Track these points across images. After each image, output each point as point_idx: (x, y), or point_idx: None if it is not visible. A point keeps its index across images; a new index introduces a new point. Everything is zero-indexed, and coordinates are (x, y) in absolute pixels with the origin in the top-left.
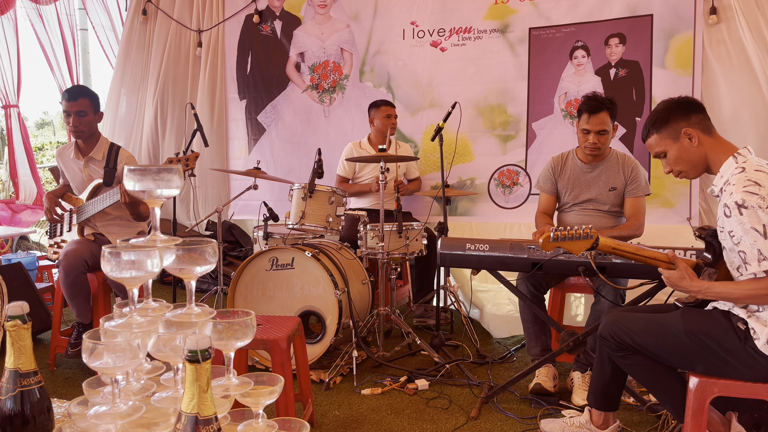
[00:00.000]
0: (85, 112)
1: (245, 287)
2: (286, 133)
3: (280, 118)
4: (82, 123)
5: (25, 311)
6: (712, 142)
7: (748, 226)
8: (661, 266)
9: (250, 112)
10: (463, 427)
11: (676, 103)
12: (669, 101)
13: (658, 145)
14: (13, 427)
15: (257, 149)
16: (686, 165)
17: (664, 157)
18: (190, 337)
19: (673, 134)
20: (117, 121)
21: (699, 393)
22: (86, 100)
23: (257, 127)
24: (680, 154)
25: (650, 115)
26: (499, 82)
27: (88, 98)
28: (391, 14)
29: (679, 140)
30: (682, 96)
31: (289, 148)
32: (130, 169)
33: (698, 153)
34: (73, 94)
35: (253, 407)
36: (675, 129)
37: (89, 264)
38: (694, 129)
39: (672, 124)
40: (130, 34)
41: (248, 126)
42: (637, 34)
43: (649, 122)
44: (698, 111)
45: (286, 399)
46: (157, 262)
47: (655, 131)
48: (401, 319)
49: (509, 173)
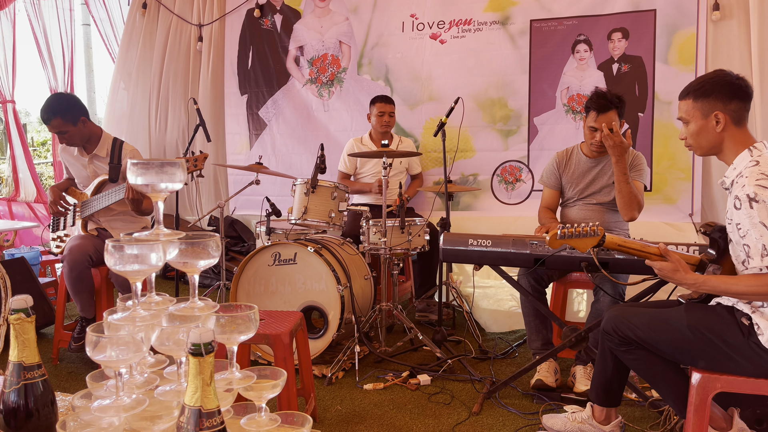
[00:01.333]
0: (63, 130)
1: (248, 282)
2: (287, 128)
3: (281, 113)
4: (66, 139)
5: (29, 304)
6: (736, 133)
7: (757, 220)
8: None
9: (251, 107)
10: (465, 423)
11: (726, 82)
12: (723, 76)
13: (687, 113)
14: (17, 419)
15: (258, 144)
16: (699, 142)
17: (686, 124)
18: (194, 330)
19: (705, 110)
20: (119, 116)
21: (701, 389)
22: (58, 120)
23: (258, 122)
24: (699, 132)
25: (699, 79)
26: (499, 75)
27: (59, 116)
28: (391, 7)
29: (707, 119)
30: (740, 76)
31: (290, 143)
32: (133, 163)
33: (717, 138)
34: (45, 118)
35: (256, 401)
36: (710, 107)
37: (93, 259)
38: (726, 115)
39: (711, 100)
40: (131, 29)
41: (249, 121)
42: (640, 29)
43: (694, 86)
44: (742, 99)
45: (289, 393)
46: (161, 255)
47: (692, 98)
48: (403, 314)
49: (512, 169)
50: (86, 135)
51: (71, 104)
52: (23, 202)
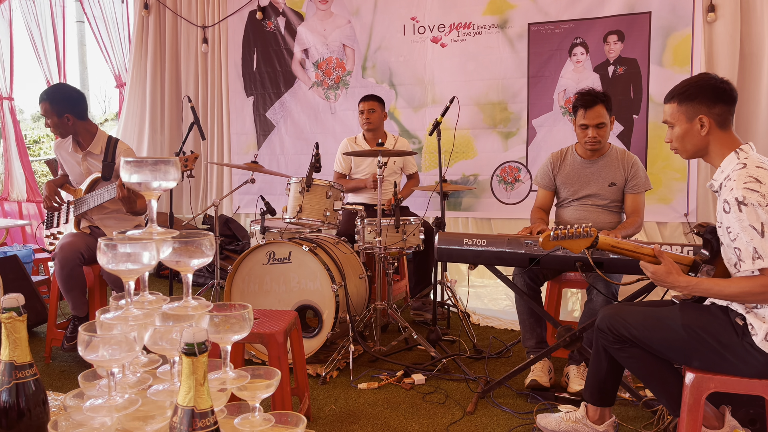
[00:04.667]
0: (46, 116)
1: (242, 281)
2: (295, 130)
3: (289, 115)
4: (49, 125)
5: (20, 303)
6: (721, 136)
7: (746, 223)
8: (652, 261)
9: (258, 109)
10: (459, 422)
11: (710, 86)
12: (707, 80)
13: (672, 116)
14: (9, 419)
15: (267, 145)
16: (684, 146)
17: (671, 128)
18: (187, 329)
19: (690, 114)
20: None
21: (695, 388)
22: (46, 104)
23: (266, 123)
24: (684, 135)
25: (684, 82)
26: (499, 79)
27: (48, 102)
28: (392, 9)
29: (691, 122)
30: (725, 80)
31: (298, 144)
32: (126, 161)
33: (702, 141)
34: (40, 96)
35: (250, 401)
36: (694, 110)
37: (85, 257)
38: (710, 119)
39: (695, 104)
40: (137, 29)
41: (257, 122)
42: (636, 32)
43: (678, 89)
44: (726, 102)
45: (283, 393)
46: (154, 254)
47: (677, 101)
48: (398, 313)
49: (511, 170)
50: (70, 130)
51: (64, 97)
52: (15, 201)
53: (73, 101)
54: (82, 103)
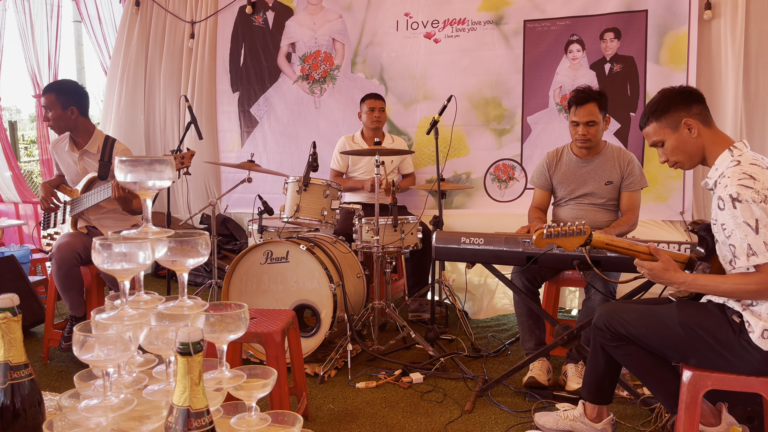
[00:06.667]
0: (50, 107)
1: (239, 281)
2: (278, 126)
3: (272, 110)
4: (50, 118)
5: (15, 303)
6: (710, 134)
7: (741, 220)
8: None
9: (243, 105)
10: (457, 421)
11: (677, 93)
12: (670, 90)
13: (657, 134)
14: (4, 420)
15: (250, 142)
16: (683, 156)
17: (662, 146)
18: (182, 329)
19: (672, 124)
20: (112, 113)
21: (692, 386)
22: (52, 95)
23: (250, 119)
24: (678, 145)
25: (649, 104)
26: (493, 75)
27: (55, 93)
28: (385, 5)
29: (678, 130)
30: (683, 85)
31: (281, 140)
32: (121, 160)
33: (696, 144)
34: (46, 88)
35: (246, 400)
36: (675, 119)
37: (82, 257)
38: (695, 120)
39: (672, 113)
40: (124, 26)
41: (241, 118)
42: (632, 30)
43: (649, 110)
44: (699, 101)
45: (280, 392)
46: (149, 254)
47: (654, 120)
48: (396, 312)
49: (505, 168)
50: (71, 125)
51: (72, 89)
52: (11, 202)
53: (79, 95)
54: (86, 100)
